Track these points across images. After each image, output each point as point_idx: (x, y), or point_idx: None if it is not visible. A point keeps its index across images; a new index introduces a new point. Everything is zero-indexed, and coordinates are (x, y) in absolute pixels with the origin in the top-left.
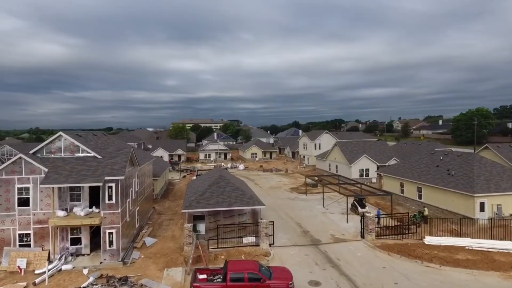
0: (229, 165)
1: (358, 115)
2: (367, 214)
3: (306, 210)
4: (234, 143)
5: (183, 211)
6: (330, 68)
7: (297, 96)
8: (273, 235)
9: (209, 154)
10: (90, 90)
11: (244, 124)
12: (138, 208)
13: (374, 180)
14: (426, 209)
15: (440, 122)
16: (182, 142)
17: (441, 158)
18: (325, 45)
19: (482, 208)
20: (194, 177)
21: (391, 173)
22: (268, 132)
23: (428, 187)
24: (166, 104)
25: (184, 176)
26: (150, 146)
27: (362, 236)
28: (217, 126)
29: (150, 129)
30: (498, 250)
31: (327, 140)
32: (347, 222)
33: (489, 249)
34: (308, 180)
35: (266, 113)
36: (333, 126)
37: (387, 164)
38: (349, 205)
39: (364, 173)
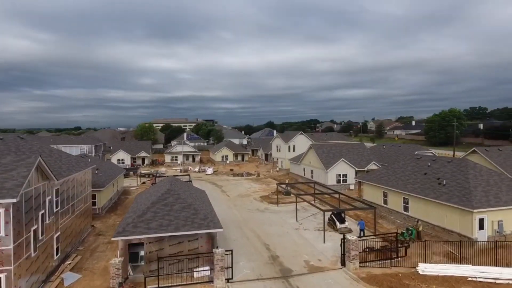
0: (196, 169)
1: (333, 116)
2: (348, 237)
3: (276, 226)
4: (205, 144)
5: (113, 238)
6: (309, 69)
7: (276, 96)
8: (231, 267)
9: (176, 157)
10: (62, 88)
11: (218, 124)
12: (59, 233)
13: (352, 187)
14: (420, 224)
15: (413, 122)
16: (146, 144)
17: (429, 164)
18: (305, 45)
19: (481, 226)
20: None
21: (372, 180)
22: (242, 132)
23: (415, 199)
24: (142, 103)
25: (144, 183)
26: (111, 148)
27: (343, 264)
28: (191, 126)
29: (123, 129)
30: (508, 281)
31: (302, 142)
32: (324, 242)
33: (497, 280)
34: (280, 188)
35: (245, 113)
36: (309, 126)
37: (366, 168)
38: (326, 219)
39: (341, 178)
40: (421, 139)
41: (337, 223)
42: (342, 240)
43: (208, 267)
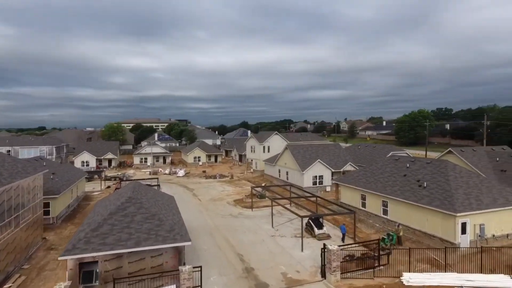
0: (167, 171)
1: (307, 116)
2: (329, 247)
3: (251, 233)
4: (177, 145)
5: (60, 258)
6: (284, 70)
7: (250, 96)
8: (201, 285)
9: (146, 158)
10: (27, 86)
11: (191, 124)
12: None
13: (328, 189)
14: (400, 228)
15: (384, 123)
16: (113, 144)
17: (408, 165)
18: (279, 46)
19: (463, 230)
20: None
21: (350, 182)
22: (216, 132)
23: (395, 202)
24: (113, 103)
25: (108, 187)
26: (75, 149)
27: (323, 275)
28: (163, 126)
29: (91, 129)
30: None
31: (276, 142)
32: (302, 250)
33: None
34: (255, 191)
35: (218, 113)
36: (283, 126)
37: (342, 170)
38: (304, 225)
39: (318, 180)
40: (392, 139)
41: (315, 229)
42: (323, 250)
43: (174, 286)
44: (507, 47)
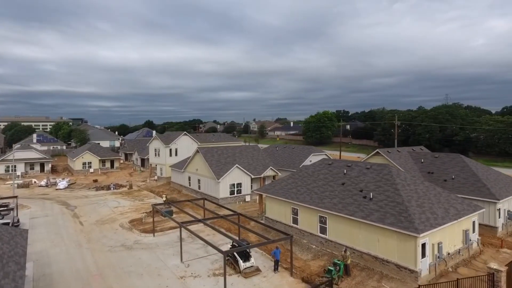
0: (43, 182)
1: (216, 116)
2: None
3: (150, 276)
4: (64, 147)
5: None
6: (193, 69)
7: (158, 95)
8: None
9: (15, 166)
10: None
11: (88, 123)
12: None
13: (248, 198)
14: (348, 253)
15: (292, 124)
16: None
17: (345, 171)
18: (189, 45)
19: (423, 253)
20: None
21: (278, 193)
22: (116, 133)
23: (335, 218)
24: None
25: None
26: None
27: None
28: (51, 125)
29: None
30: None
31: (186, 144)
32: None
33: None
34: (157, 208)
35: (122, 112)
36: (192, 126)
37: (263, 175)
38: (226, 255)
39: (236, 189)
40: (300, 139)
41: (240, 262)
42: None
43: None
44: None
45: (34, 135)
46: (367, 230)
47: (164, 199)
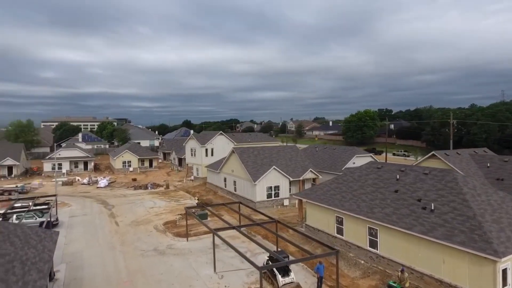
0: (85, 180)
1: (252, 116)
2: None
3: (180, 286)
4: (107, 146)
5: None
6: (228, 69)
7: (195, 95)
8: None
9: (60, 164)
10: None
11: (131, 123)
12: None
13: (286, 202)
14: (406, 275)
15: (331, 123)
16: (15, 147)
17: (398, 177)
18: (225, 46)
19: (505, 280)
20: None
21: (320, 199)
22: (156, 132)
23: (389, 231)
24: (43, 100)
25: None
26: None
27: None
28: (94, 125)
29: (3, 129)
30: None
31: (222, 144)
32: None
33: None
34: (191, 211)
35: (162, 112)
36: (229, 126)
37: (302, 178)
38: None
39: (273, 192)
40: (339, 139)
41: (279, 277)
42: None
43: None
44: (427, 57)
45: (80, 135)
46: (428, 248)
47: (197, 201)
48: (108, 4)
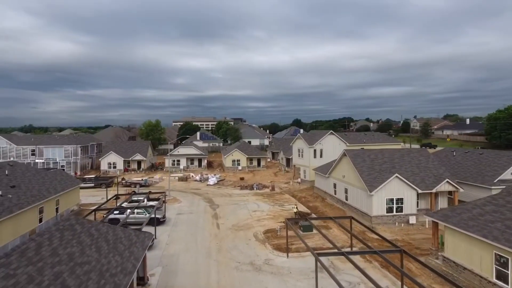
0: (197, 177)
1: (367, 114)
2: None
3: None
4: (221, 145)
5: None
6: (341, 66)
7: (306, 94)
8: None
9: (179, 161)
10: (101, 88)
11: (246, 123)
12: None
13: (412, 220)
14: None
15: (468, 121)
16: (143, 144)
17: None
18: (337, 42)
19: None
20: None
21: (465, 225)
22: (267, 131)
23: None
24: (175, 103)
25: (117, 197)
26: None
27: None
28: (213, 124)
29: (143, 128)
30: None
31: (332, 145)
32: None
33: None
34: (291, 223)
35: (274, 112)
36: (341, 125)
37: (435, 190)
38: None
39: (395, 206)
40: (480, 140)
41: None
42: None
43: None
44: None
45: (198, 133)
46: None
47: (295, 210)
48: (227, 13)
